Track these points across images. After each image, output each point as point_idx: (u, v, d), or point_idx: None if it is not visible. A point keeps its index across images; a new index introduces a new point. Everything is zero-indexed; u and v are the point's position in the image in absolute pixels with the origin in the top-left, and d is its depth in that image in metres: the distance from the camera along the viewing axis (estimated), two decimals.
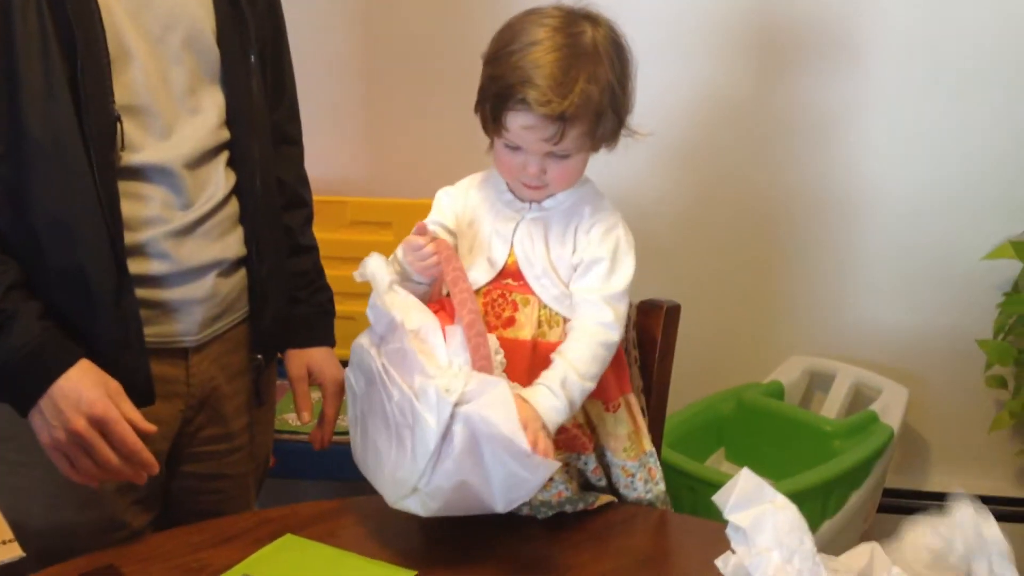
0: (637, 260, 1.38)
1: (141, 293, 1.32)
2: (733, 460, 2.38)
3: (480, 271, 1.39)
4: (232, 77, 1.42)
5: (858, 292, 2.47)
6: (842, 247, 2.45)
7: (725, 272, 2.48)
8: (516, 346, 1.35)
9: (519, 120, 1.29)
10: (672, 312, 1.54)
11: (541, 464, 1.20)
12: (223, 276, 1.41)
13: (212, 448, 1.49)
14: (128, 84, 1.30)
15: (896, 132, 2.37)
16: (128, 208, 1.30)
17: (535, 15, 1.33)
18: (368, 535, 1.35)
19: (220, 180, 1.41)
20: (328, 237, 1.76)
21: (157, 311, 1.35)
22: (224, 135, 1.42)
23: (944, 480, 2.53)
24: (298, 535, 1.34)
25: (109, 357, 1.28)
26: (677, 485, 1.91)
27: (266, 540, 1.32)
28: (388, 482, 1.31)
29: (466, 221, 1.42)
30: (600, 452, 1.43)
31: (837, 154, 2.40)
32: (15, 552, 1.16)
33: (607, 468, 1.44)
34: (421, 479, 1.24)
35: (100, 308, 1.28)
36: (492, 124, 1.33)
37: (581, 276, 1.37)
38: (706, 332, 2.29)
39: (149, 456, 1.27)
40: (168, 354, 1.38)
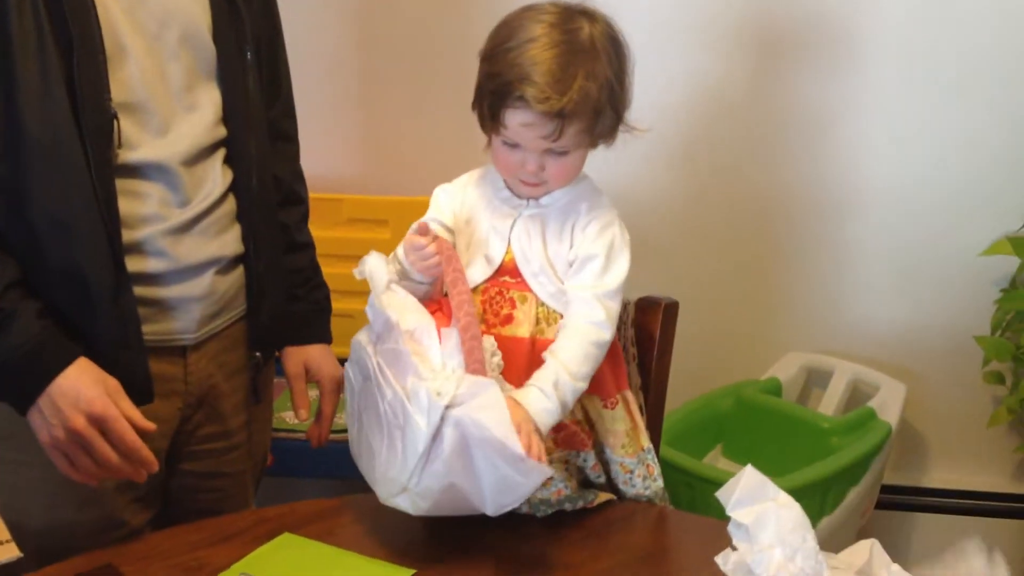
0: (634, 257, 1.38)
1: (139, 291, 1.31)
2: (731, 457, 2.38)
3: (477, 268, 1.39)
4: (228, 74, 1.41)
5: (856, 288, 2.47)
6: (840, 243, 2.44)
7: (723, 269, 2.48)
8: (514, 344, 1.35)
9: (517, 117, 1.29)
10: (670, 309, 1.54)
11: (534, 468, 1.20)
12: (221, 274, 1.41)
13: (210, 446, 1.49)
14: (124, 81, 1.29)
15: (893, 129, 2.37)
16: (125, 206, 1.29)
17: (532, 11, 1.33)
18: (366, 533, 1.35)
19: (217, 177, 1.40)
20: (325, 235, 1.76)
21: (155, 309, 1.35)
22: (221, 132, 1.41)
23: (942, 476, 2.52)
24: (296, 534, 1.34)
25: (108, 355, 1.28)
26: (675, 482, 1.91)
27: (264, 539, 1.32)
28: (380, 479, 1.31)
29: (464, 218, 1.42)
30: (599, 449, 1.43)
31: (835, 151, 2.40)
32: (12, 552, 1.16)
33: (606, 465, 1.44)
34: (411, 479, 1.25)
35: (98, 306, 1.27)
36: (490, 121, 1.33)
37: (576, 273, 1.36)
38: (704, 329, 2.28)
39: (149, 454, 1.27)
40: (166, 352, 1.38)
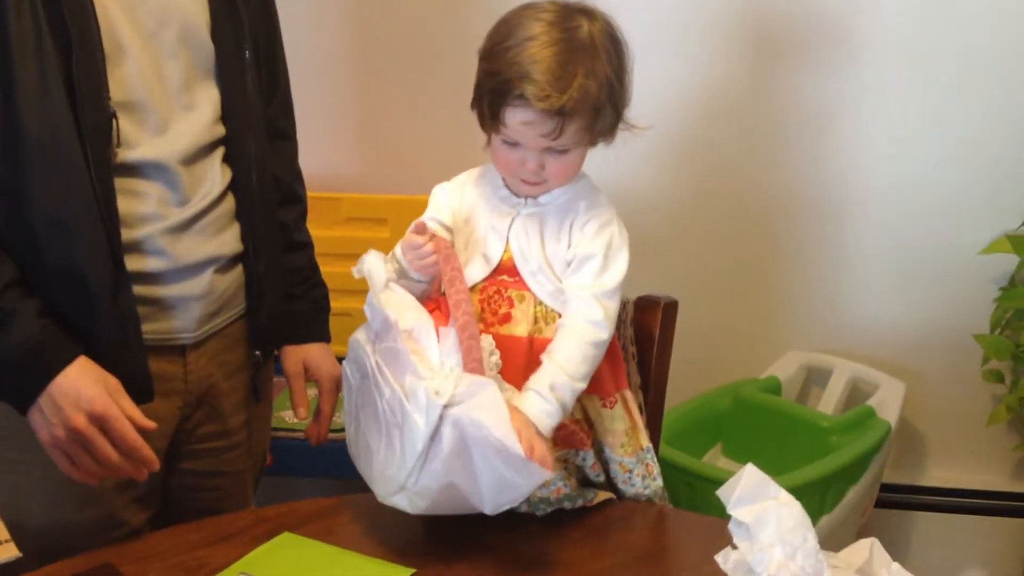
0: (634, 256, 1.38)
1: (138, 290, 1.31)
2: (730, 456, 2.38)
3: (475, 267, 1.38)
4: (226, 72, 1.41)
5: (855, 287, 2.47)
6: (839, 242, 2.44)
7: (722, 268, 2.48)
8: (512, 343, 1.34)
9: (518, 116, 1.29)
10: (669, 308, 1.54)
11: (534, 470, 1.20)
12: (220, 272, 1.41)
13: (210, 445, 1.48)
14: (123, 80, 1.29)
15: (893, 129, 2.37)
16: (124, 205, 1.29)
17: (531, 10, 1.33)
18: (365, 532, 1.35)
19: (216, 176, 1.40)
20: (323, 234, 1.76)
21: (154, 308, 1.35)
22: (219, 131, 1.41)
23: (941, 475, 2.53)
24: (295, 533, 1.34)
25: (107, 355, 1.28)
26: (675, 481, 1.91)
27: (264, 538, 1.32)
28: (378, 478, 1.31)
29: (462, 217, 1.41)
30: (598, 448, 1.43)
31: (834, 149, 2.40)
32: (11, 552, 1.16)
33: (605, 464, 1.43)
34: (409, 478, 1.25)
35: (98, 306, 1.27)
36: (490, 120, 1.33)
37: (574, 272, 1.36)
38: (703, 328, 2.28)
39: (150, 452, 1.27)
40: (166, 351, 1.38)
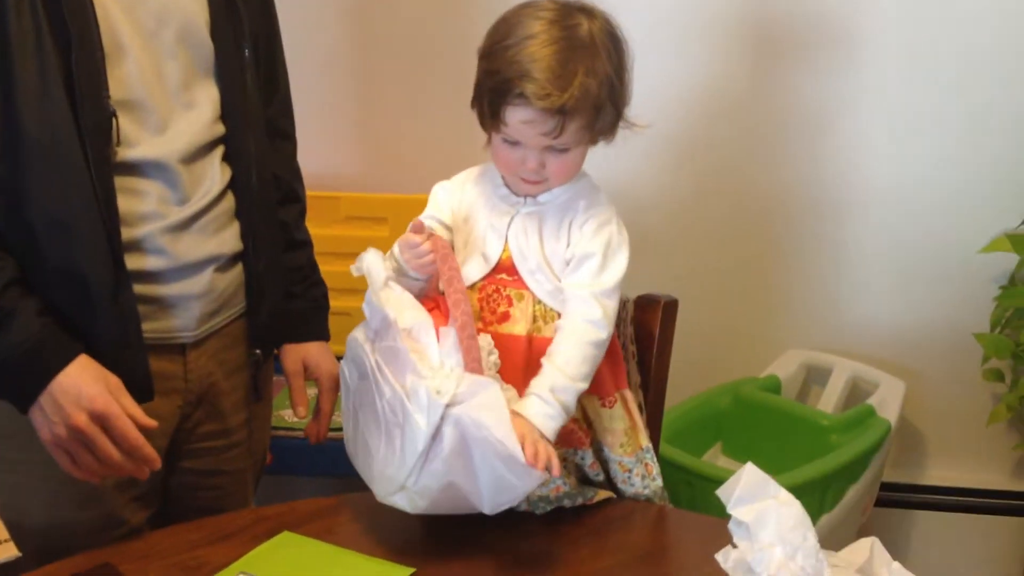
0: (634, 255, 1.37)
1: (138, 289, 1.31)
2: (730, 455, 2.38)
3: (475, 266, 1.38)
4: (226, 71, 1.41)
5: (855, 286, 2.47)
6: (839, 241, 2.44)
7: (722, 266, 2.48)
8: (510, 342, 1.34)
9: (518, 114, 1.29)
10: (669, 307, 1.54)
11: (532, 472, 1.20)
12: (220, 271, 1.41)
13: (210, 444, 1.48)
14: (122, 79, 1.29)
15: (893, 127, 2.37)
16: (124, 204, 1.29)
17: (530, 8, 1.33)
18: (365, 532, 1.34)
19: (216, 175, 1.40)
20: (322, 233, 1.75)
21: (154, 307, 1.35)
22: (219, 130, 1.41)
23: (941, 474, 2.53)
24: (295, 532, 1.33)
25: (108, 354, 1.28)
26: (674, 480, 1.91)
27: (263, 537, 1.32)
28: (377, 477, 1.31)
29: (462, 216, 1.41)
30: (597, 447, 1.43)
31: (834, 149, 2.40)
32: (11, 552, 1.16)
33: (604, 463, 1.43)
34: (409, 478, 1.24)
35: (98, 305, 1.27)
36: (490, 119, 1.33)
37: (573, 271, 1.36)
38: (703, 327, 2.28)
39: (151, 451, 1.27)
40: (166, 350, 1.38)
